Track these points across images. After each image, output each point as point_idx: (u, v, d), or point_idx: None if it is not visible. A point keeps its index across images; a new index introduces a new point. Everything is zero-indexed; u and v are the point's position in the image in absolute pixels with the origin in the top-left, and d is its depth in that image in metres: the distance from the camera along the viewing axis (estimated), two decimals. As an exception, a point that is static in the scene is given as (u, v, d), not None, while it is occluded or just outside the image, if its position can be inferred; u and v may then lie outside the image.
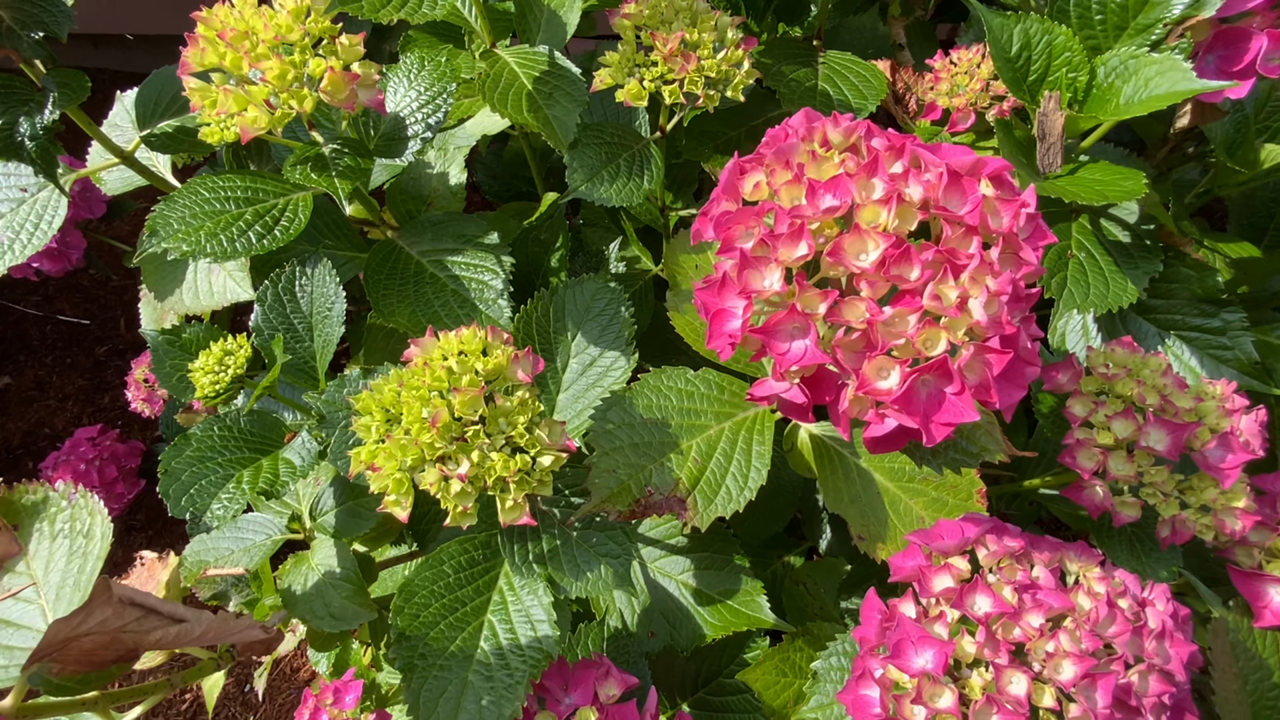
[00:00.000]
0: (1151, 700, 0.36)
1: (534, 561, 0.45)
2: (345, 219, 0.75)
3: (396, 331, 0.77)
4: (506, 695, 0.47)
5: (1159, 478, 0.43)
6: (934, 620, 0.39)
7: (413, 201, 0.78)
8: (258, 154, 0.72)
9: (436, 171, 0.81)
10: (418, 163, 0.81)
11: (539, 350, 0.59)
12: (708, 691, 0.63)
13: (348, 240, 0.74)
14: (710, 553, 0.63)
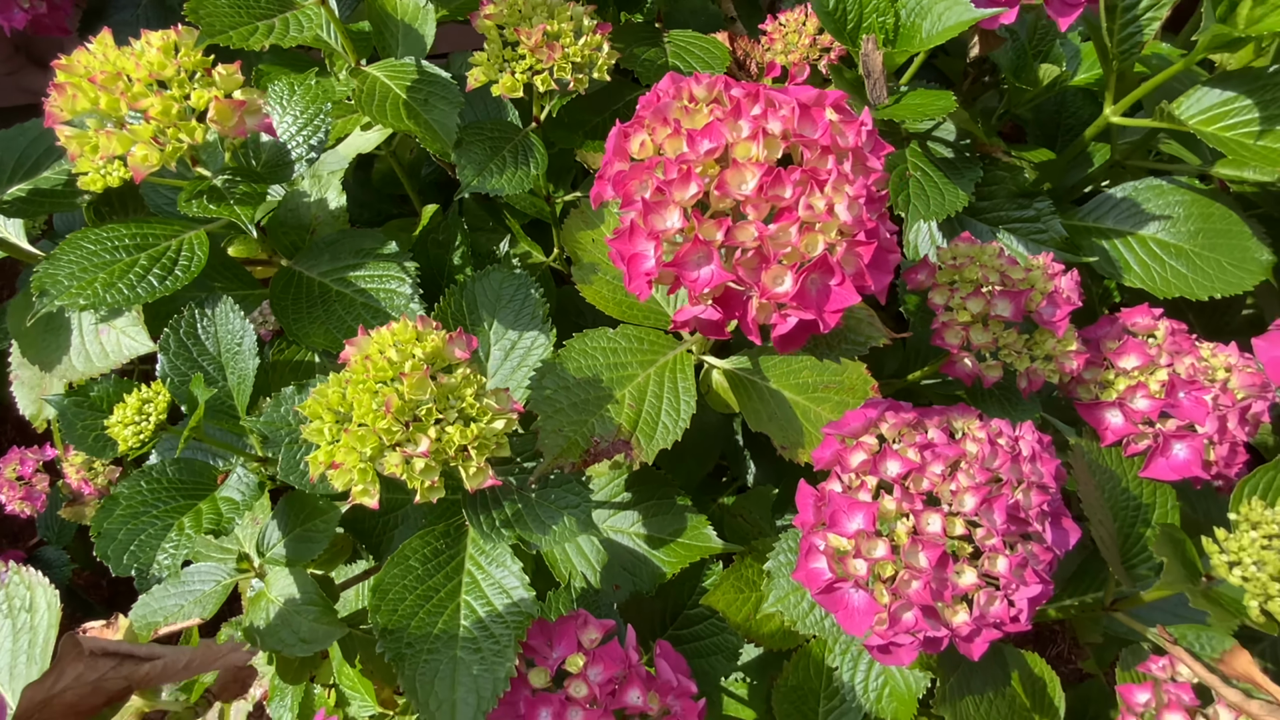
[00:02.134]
0: (1035, 510, 0.44)
1: (501, 527, 0.48)
2: (231, 259, 0.75)
3: (304, 363, 0.77)
4: (496, 660, 0.50)
5: (1010, 339, 0.52)
6: (857, 490, 0.46)
7: (295, 232, 0.78)
8: (122, 206, 0.70)
9: (314, 199, 0.81)
10: (293, 194, 0.81)
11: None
12: (677, 626, 0.68)
13: (239, 280, 0.73)
14: (654, 500, 0.67)
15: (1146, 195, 0.70)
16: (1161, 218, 0.70)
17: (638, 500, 0.68)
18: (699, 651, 0.67)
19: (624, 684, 0.51)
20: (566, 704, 0.50)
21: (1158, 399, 0.54)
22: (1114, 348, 0.56)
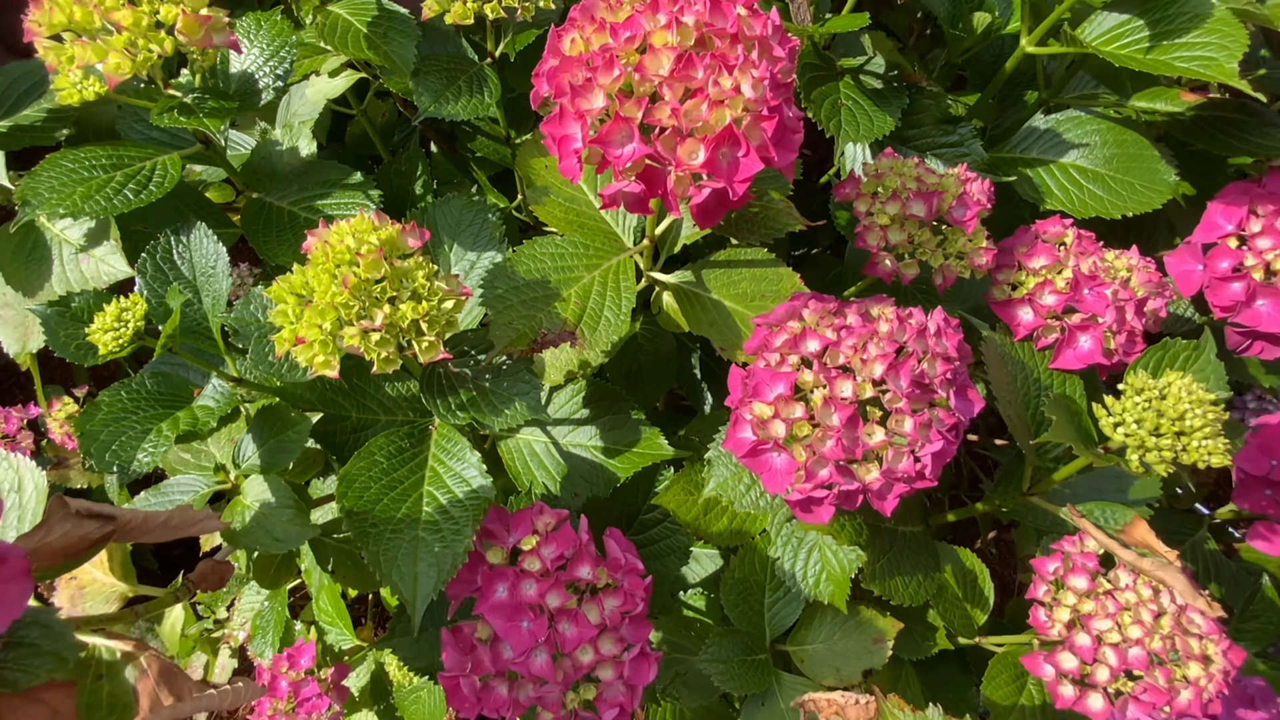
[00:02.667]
0: (939, 378, 0.49)
1: (457, 410, 0.52)
2: (208, 200, 0.78)
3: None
4: (454, 539, 0.54)
5: (925, 237, 0.57)
6: (779, 365, 0.50)
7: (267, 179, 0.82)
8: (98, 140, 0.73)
9: (286, 147, 0.85)
10: (264, 143, 0.85)
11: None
12: (633, 531, 0.72)
13: (216, 220, 0.76)
14: (611, 415, 0.72)
15: (1067, 126, 0.75)
16: (1080, 146, 0.74)
17: (595, 416, 0.72)
18: (654, 554, 0.72)
19: (574, 560, 0.55)
20: (520, 576, 0.54)
21: (1063, 294, 0.59)
22: (1025, 251, 0.61)
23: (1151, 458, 0.48)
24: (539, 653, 0.52)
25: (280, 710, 0.83)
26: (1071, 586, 0.56)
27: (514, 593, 0.53)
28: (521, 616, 0.53)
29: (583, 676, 0.53)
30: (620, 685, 0.54)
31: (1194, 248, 0.70)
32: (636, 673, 0.55)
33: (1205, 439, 0.47)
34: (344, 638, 0.94)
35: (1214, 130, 0.74)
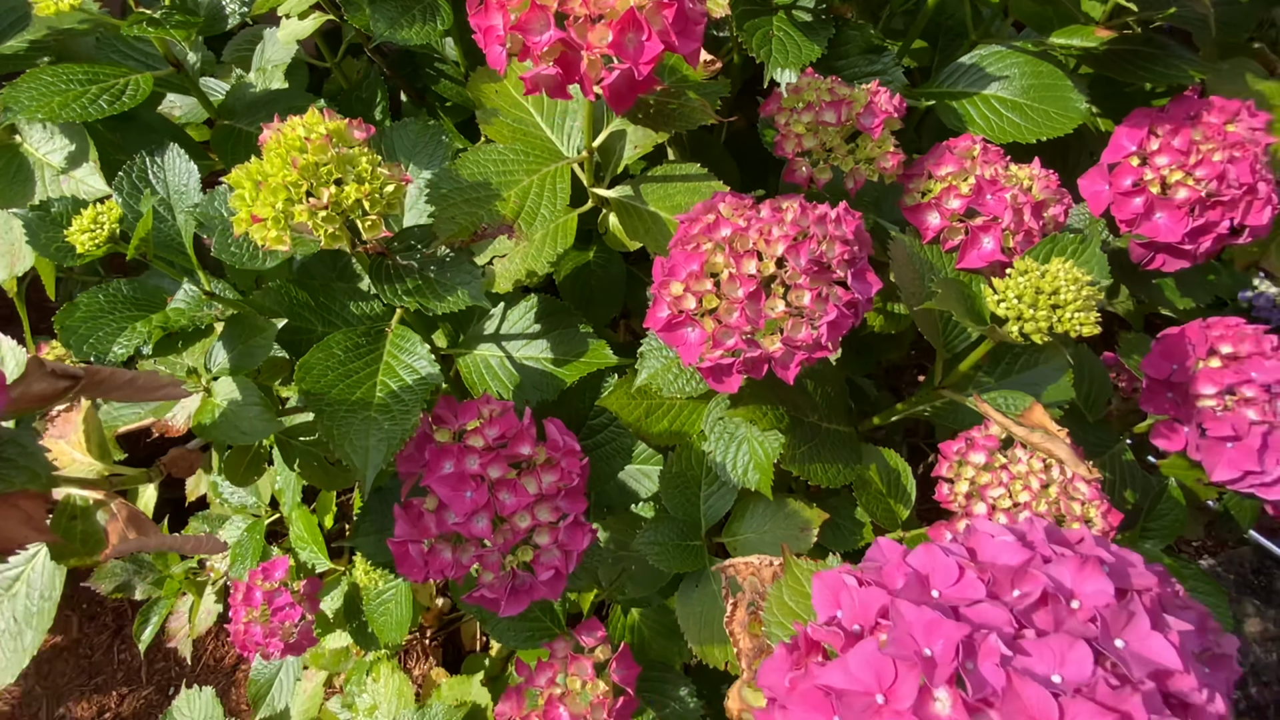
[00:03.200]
0: (837, 259, 0.54)
1: (403, 295, 0.57)
2: (187, 135, 0.83)
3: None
4: (403, 417, 0.59)
5: (836, 142, 0.62)
6: (694, 249, 0.55)
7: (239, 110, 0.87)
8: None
9: (259, 89, 0.90)
10: (239, 85, 0.90)
11: (380, 180, 0.70)
12: (583, 436, 0.77)
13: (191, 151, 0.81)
14: (561, 330, 0.76)
15: (989, 60, 0.80)
16: (1001, 78, 0.80)
17: (547, 330, 0.77)
18: (602, 456, 0.77)
19: (515, 439, 0.60)
20: (465, 452, 0.59)
21: (967, 198, 0.64)
22: (935, 162, 0.66)
23: (1029, 328, 0.53)
24: (480, 518, 0.57)
25: (255, 618, 0.88)
26: (971, 462, 0.61)
27: (458, 465, 0.58)
28: (465, 487, 0.58)
29: (521, 540, 0.58)
30: (556, 550, 0.59)
31: (1102, 168, 0.75)
32: (571, 539, 0.60)
33: (1078, 311, 0.53)
34: (318, 559, 0.99)
35: (1124, 63, 0.80)
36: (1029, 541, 0.38)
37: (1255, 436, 0.69)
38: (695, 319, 0.53)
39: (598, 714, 0.66)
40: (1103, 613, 0.34)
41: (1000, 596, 0.36)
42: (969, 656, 0.33)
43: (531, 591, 0.59)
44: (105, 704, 1.46)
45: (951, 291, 0.56)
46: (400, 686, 0.98)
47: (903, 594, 0.36)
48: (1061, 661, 0.33)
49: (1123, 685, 0.31)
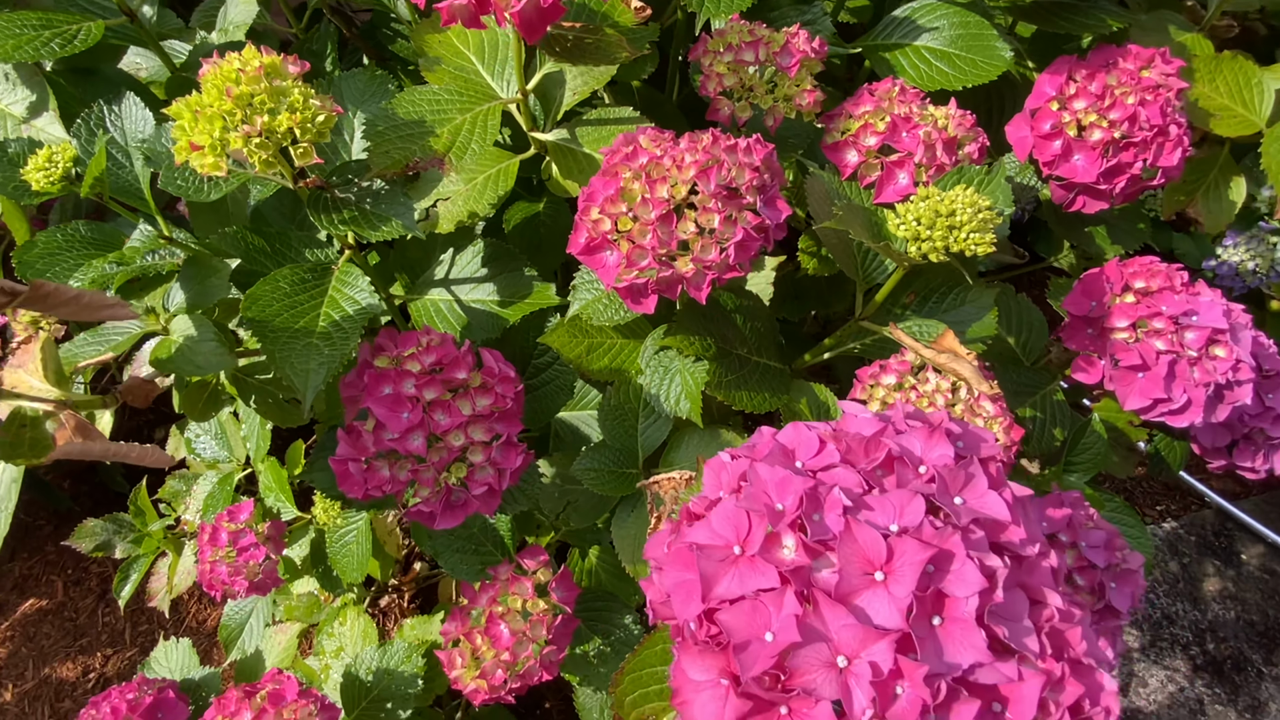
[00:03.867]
0: (746, 185, 0.57)
1: (339, 224, 0.60)
2: (148, 91, 0.86)
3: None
4: (343, 343, 0.62)
5: (754, 81, 0.65)
6: (611, 177, 0.58)
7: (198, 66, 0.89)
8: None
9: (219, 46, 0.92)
10: (201, 44, 0.92)
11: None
12: (529, 376, 0.81)
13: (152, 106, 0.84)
14: (507, 273, 0.80)
15: (920, 12, 0.83)
16: (931, 29, 0.82)
17: (494, 274, 0.80)
18: (547, 394, 0.80)
19: (451, 365, 0.64)
20: (402, 376, 0.62)
21: (882, 134, 0.67)
22: (854, 102, 0.69)
23: (925, 247, 0.56)
24: (415, 436, 0.61)
25: (220, 558, 0.91)
26: (883, 384, 0.64)
27: (396, 388, 0.61)
28: (401, 408, 0.61)
29: (455, 458, 0.62)
30: (489, 468, 0.62)
31: (1026, 115, 0.79)
32: (505, 458, 0.63)
33: (974, 232, 0.56)
34: (285, 506, 1.02)
35: (1049, 14, 0.82)
36: (886, 418, 0.41)
37: (1162, 365, 0.72)
38: (612, 242, 0.56)
39: (536, 630, 0.70)
40: (942, 473, 0.37)
41: (854, 463, 0.39)
42: (815, 509, 0.36)
43: (466, 506, 0.62)
44: (90, 664, 1.50)
45: (855, 214, 0.59)
46: (365, 629, 1.01)
47: (765, 461, 0.39)
48: (899, 513, 0.36)
49: (946, 527, 0.34)
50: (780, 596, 0.34)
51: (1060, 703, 0.33)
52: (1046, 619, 0.35)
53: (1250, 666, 1.53)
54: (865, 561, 0.34)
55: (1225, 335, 0.72)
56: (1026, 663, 0.33)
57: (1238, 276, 1.68)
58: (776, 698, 0.33)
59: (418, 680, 0.91)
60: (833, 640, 0.32)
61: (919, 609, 0.32)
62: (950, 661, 0.32)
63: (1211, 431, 0.86)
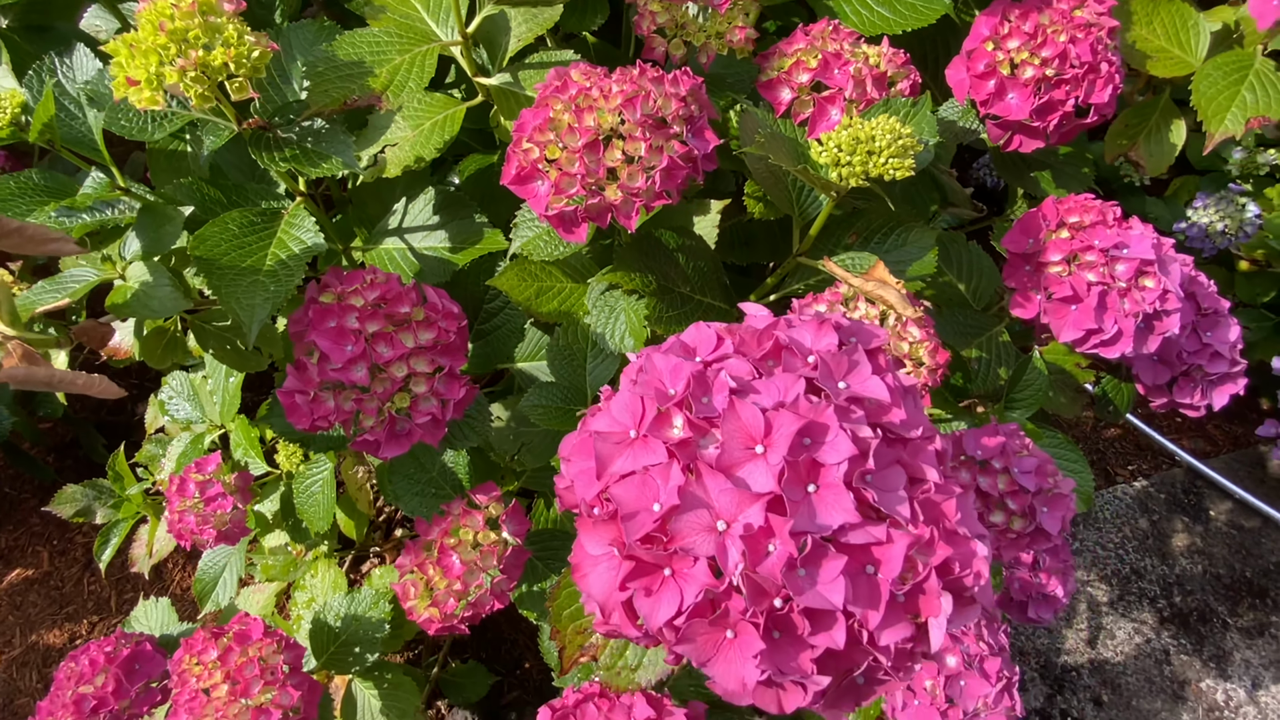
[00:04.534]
0: (673, 114, 0.59)
1: (280, 161, 0.62)
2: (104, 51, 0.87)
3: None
4: (288, 280, 0.64)
5: (686, 18, 0.67)
6: (542, 109, 0.60)
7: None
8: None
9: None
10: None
11: (275, 74, 0.74)
12: (480, 321, 0.83)
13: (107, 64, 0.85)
14: (457, 220, 0.81)
15: (863, -42, 0.84)
16: (873, -25, 0.84)
17: (445, 221, 0.82)
18: (499, 337, 0.82)
19: (395, 300, 0.65)
20: (345, 310, 0.64)
21: (814, 71, 0.68)
22: (787, 41, 0.71)
23: (845, 171, 0.58)
24: (358, 366, 0.63)
25: (189, 508, 0.93)
26: (814, 311, 0.66)
27: (340, 321, 0.63)
28: (345, 340, 0.63)
29: (399, 389, 0.64)
30: (432, 398, 0.64)
31: (963, 56, 0.80)
32: (448, 389, 0.65)
33: (893, 157, 0.58)
34: (254, 461, 1.05)
35: (988, -43, 0.84)
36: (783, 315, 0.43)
37: (1093, 296, 0.74)
38: (541, 171, 0.58)
39: (487, 560, 0.72)
40: (825, 358, 0.39)
41: (746, 354, 0.41)
42: (704, 392, 0.38)
43: (410, 435, 0.64)
44: (76, 631, 1.52)
45: (779, 142, 0.60)
46: (335, 579, 1.04)
47: (663, 354, 0.41)
48: (783, 394, 0.38)
49: (821, 401, 0.36)
50: (667, 470, 0.36)
51: (929, 563, 0.35)
52: (922, 491, 0.37)
53: (1216, 618, 1.56)
54: (747, 436, 0.36)
55: (1153, 267, 0.74)
56: (898, 528, 0.35)
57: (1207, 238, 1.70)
58: (659, 558, 0.35)
59: (385, 625, 0.94)
60: (713, 506, 0.34)
61: (793, 475, 0.34)
62: (821, 523, 0.34)
63: (1151, 368, 0.88)
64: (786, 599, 0.32)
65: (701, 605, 0.33)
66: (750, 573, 0.33)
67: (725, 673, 0.33)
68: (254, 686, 0.77)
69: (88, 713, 0.84)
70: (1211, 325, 0.86)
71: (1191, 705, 1.45)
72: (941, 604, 0.33)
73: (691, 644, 0.33)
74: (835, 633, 0.32)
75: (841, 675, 0.34)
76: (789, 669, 0.32)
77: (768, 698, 0.33)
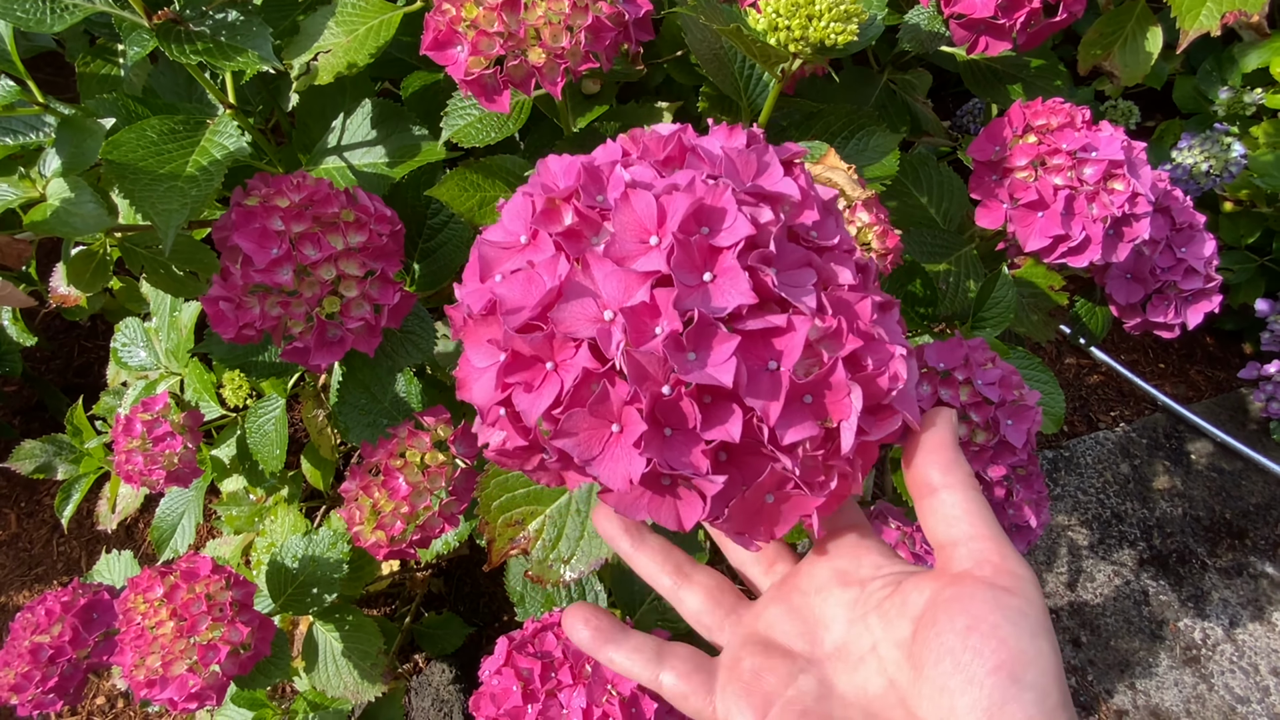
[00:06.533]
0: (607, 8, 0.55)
1: (192, 54, 0.58)
2: None
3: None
4: (207, 185, 0.61)
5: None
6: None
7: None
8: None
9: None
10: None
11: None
12: (425, 239, 0.79)
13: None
14: (396, 133, 0.78)
15: None
16: None
17: (383, 136, 0.78)
18: (445, 254, 0.79)
19: (323, 201, 0.62)
20: (270, 212, 0.61)
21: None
22: (737, -71, 0.67)
23: (784, 36, 0.54)
24: (284, 269, 0.59)
25: (135, 447, 0.90)
26: (766, 212, 0.63)
27: (264, 223, 0.60)
28: (270, 242, 0.60)
29: (328, 293, 0.61)
30: (364, 303, 0.61)
31: (926, -46, 0.76)
32: (382, 294, 0.62)
33: (834, 21, 0.54)
34: (208, 405, 1.02)
35: None
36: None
37: (1060, 201, 0.71)
38: (460, 34, 0.54)
39: (435, 481, 0.70)
40: (731, 155, 0.34)
41: (649, 159, 0.36)
42: (598, 188, 0.33)
43: (342, 343, 0.61)
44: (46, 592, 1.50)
45: (714, 10, 0.57)
46: (295, 522, 1.02)
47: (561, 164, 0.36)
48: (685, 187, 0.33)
49: (718, 184, 0.31)
50: (554, 263, 0.32)
51: (835, 355, 0.30)
52: (834, 289, 0.32)
53: (1195, 559, 1.56)
54: (640, 228, 0.31)
55: (1123, 168, 0.71)
56: (801, 316, 0.30)
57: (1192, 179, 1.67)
58: (540, 349, 0.30)
59: (343, 565, 0.92)
60: (599, 295, 0.30)
61: (684, 255, 0.30)
62: (714, 304, 0.29)
63: (1124, 286, 0.85)
64: (676, 385, 0.28)
65: (581, 392, 0.29)
66: (632, 350, 0.29)
67: (611, 471, 0.29)
68: (201, 623, 0.75)
69: (45, 662, 0.82)
70: (1186, 240, 0.83)
71: (1169, 644, 1.44)
72: (851, 401, 0.29)
73: (573, 438, 0.29)
74: (730, 425, 0.28)
75: (743, 481, 0.30)
76: (679, 464, 0.29)
77: (664, 510, 0.30)
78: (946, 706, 0.27)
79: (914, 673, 0.29)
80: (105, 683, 1.42)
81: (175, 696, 0.70)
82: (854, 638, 0.32)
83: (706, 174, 0.32)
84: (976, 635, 0.28)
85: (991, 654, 0.27)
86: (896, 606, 0.31)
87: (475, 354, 0.32)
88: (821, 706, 0.30)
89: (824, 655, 0.32)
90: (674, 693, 0.34)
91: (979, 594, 0.29)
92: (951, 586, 0.30)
